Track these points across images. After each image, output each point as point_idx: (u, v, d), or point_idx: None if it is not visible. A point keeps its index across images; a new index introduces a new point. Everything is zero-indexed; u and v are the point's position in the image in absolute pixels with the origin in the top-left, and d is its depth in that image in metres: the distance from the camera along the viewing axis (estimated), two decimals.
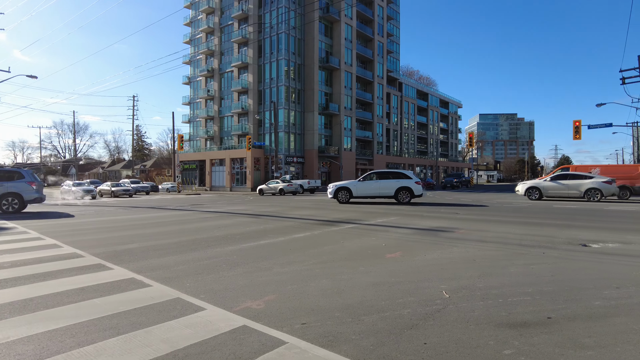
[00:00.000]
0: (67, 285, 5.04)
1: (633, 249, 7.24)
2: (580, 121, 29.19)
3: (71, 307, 4.23)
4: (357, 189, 20.20)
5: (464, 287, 4.85)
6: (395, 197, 19.86)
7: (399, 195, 19.80)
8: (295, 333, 3.46)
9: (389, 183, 19.96)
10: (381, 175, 20.65)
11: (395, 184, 19.84)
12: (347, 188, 20.35)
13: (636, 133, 46.16)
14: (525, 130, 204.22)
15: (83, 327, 3.64)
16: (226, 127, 58.74)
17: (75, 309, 4.16)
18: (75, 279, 5.42)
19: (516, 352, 3.04)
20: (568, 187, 21.48)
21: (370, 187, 20.11)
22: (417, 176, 20.91)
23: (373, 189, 20.07)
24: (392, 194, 19.87)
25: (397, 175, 20.36)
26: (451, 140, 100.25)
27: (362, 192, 20.18)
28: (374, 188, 20.07)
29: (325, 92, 55.86)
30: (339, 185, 20.60)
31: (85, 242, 8.74)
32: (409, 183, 19.87)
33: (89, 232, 10.58)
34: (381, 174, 20.73)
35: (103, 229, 11.15)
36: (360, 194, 20.20)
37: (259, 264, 6.24)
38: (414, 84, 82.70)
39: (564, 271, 5.60)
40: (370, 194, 20.18)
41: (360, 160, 61.21)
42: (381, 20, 66.41)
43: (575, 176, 21.81)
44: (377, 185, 20.04)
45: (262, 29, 53.02)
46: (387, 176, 20.51)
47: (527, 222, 11.55)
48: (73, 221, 13.66)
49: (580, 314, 3.88)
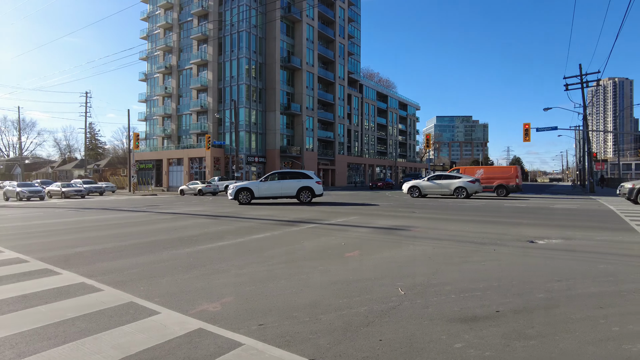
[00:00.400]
0: (8, 293, 4.74)
1: (574, 244, 7.73)
2: (529, 124, 30.79)
3: (12, 315, 3.98)
4: (259, 190, 19.97)
5: (419, 284, 5.00)
6: (297, 196, 20.06)
7: (300, 195, 20.03)
8: (252, 334, 3.43)
9: (290, 183, 20.09)
10: (283, 175, 20.76)
11: (297, 184, 20.04)
12: (248, 189, 20.01)
13: (578, 136, 49.29)
14: (479, 132, 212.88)
15: (25, 336, 3.44)
16: (184, 126, 57.22)
17: (16, 317, 3.92)
18: (17, 285, 5.10)
19: (466, 345, 3.18)
20: (441, 186, 24.18)
21: (273, 188, 20.05)
22: (317, 176, 21.40)
23: (275, 189, 20.04)
24: (294, 193, 20.03)
25: (299, 176, 20.59)
26: (409, 142, 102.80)
27: (264, 192, 20.00)
28: (276, 188, 20.04)
29: (287, 92, 55.71)
30: (240, 186, 20.20)
31: (30, 246, 8.25)
32: (310, 183, 20.16)
33: (34, 235, 9.99)
34: (283, 174, 20.87)
35: (51, 232, 10.56)
36: (263, 195, 20.01)
37: (216, 266, 6.13)
38: (374, 85, 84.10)
39: (513, 267, 5.90)
40: (273, 194, 20.11)
41: (322, 161, 61.53)
42: (342, 21, 67.05)
43: (447, 177, 24.49)
44: (279, 186, 20.04)
45: (223, 27, 52.11)
46: (289, 176, 20.66)
47: (481, 221, 12.06)
48: (17, 224, 12.85)
49: (526, 307, 4.10)
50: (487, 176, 27.22)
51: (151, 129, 62.03)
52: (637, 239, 8.34)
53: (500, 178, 26.87)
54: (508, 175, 26.84)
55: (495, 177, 27.06)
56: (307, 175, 20.59)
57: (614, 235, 8.93)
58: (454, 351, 3.07)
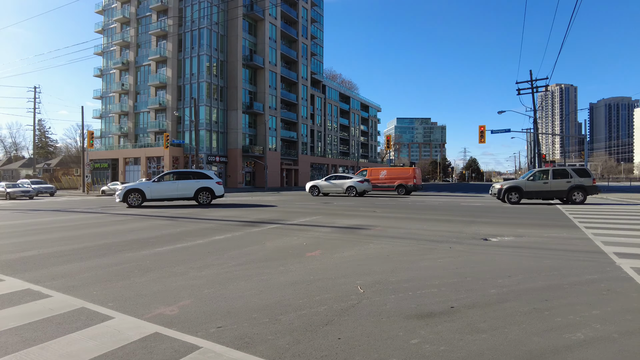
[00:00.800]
0: None
1: (524, 241, 8.14)
2: (484, 126, 32.09)
3: None
4: (152, 191, 18.68)
5: (378, 281, 5.10)
6: (195, 198, 19.23)
7: (199, 196, 19.22)
8: (210, 337, 3.38)
9: (188, 184, 19.14)
10: (180, 175, 19.69)
11: (195, 184, 19.17)
12: (139, 190, 18.58)
13: (529, 138, 51.92)
14: (438, 133, 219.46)
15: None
16: (142, 124, 55.30)
17: None
18: None
19: (422, 341, 3.28)
20: (336, 185, 27.03)
21: (168, 188, 18.87)
22: (217, 176, 20.81)
23: (171, 190, 18.89)
24: (192, 195, 19.14)
25: (198, 176, 19.69)
26: (371, 142, 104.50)
27: (157, 194, 18.76)
28: (171, 189, 18.90)
29: (250, 91, 55.09)
30: (129, 187, 18.81)
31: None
32: (210, 183, 19.41)
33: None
34: (180, 174, 19.80)
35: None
36: (156, 196, 18.77)
37: (174, 269, 5.98)
38: (336, 87, 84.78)
39: (467, 263, 6.14)
40: (168, 196, 18.96)
41: (286, 160, 61.33)
42: (305, 22, 67.14)
43: (341, 177, 27.56)
44: (174, 187, 18.94)
45: (183, 23, 50.80)
46: (187, 176, 19.60)
47: (438, 219, 12.45)
48: None
49: (478, 302, 4.28)
50: (389, 177, 30.22)
51: (107, 126, 59.49)
52: (580, 235, 8.90)
53: (400, 178, 29.84)
54: (407, 176, 29.75)
55: (396, 177, 30.06)
56: (206, 175, 19.69)
57: (560, 232, 9.48)
58: (410, 347, 3.16)
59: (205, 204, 19.27)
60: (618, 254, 6.69)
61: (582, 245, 7.58)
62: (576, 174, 18.56)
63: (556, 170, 18.99)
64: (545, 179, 18.75)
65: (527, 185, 18.87)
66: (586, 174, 18.64)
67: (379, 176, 30.65)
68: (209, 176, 19.64)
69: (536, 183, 18.80)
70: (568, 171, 18.78)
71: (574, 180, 18.41)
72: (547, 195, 18.76)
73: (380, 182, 30.56)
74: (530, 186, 18.83)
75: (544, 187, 18.67)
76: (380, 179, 30.64)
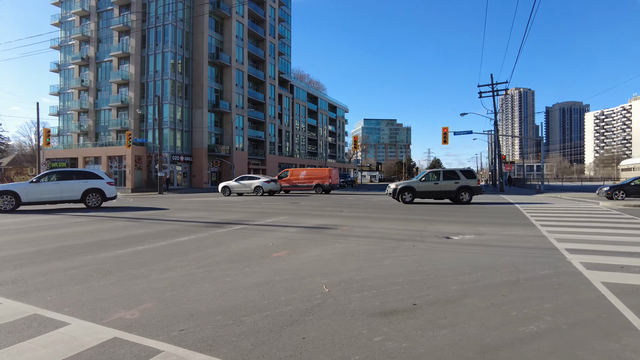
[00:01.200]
0: None
1: (484, 239, 8.44)
2: (447, 128, 32.99)
3: None
4: (29, 193, 16.40)
5: (343, 280, 5.14)
6: (83, 200, 17.35)
7: (87, 198, 17.40)
8: (172, 340, 3.30)
9: (74, 184, 17.18)
10: (64, 175, 17.53)
11: (83, 185, 17.30)
12: (12, 192, 16.18)
13: (490, 139, 53.83)
14: (403, 134, 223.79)
15: None
16: (103, 122, 53.23)
17: None
18: None
19: (385, 338, 3.34)
20: (245, 185, 28.88)
21: (49, 190, 16.74)
22: (108, 176, 19.15)
23: (53, 192, 16.80)
24: (79, 197, 17.22)
25: (85, 175, 17.78)
26: (339, 143, 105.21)
27: (36, 196, 16.53)
28: (54, 191, 16.80)
29: (216, 89, 54.15)
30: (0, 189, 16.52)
31: None
32: (100, 184, 17.63)
33: None
34: (64, 174, 17.64)
35: None
36: (35, 199, 16.57)
37: (135, 271, 5.79)
38: (304, 87, 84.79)
39: (429, 261, 6.30)
40: (50, 199, 16.81)
41: (253, 160, 60.72)
42: (273, 21, 66.73)
43: (250, 178, 29.45)
44: (58, 188, 16.85)
45: (147, 19, 49.28)
46: (71, 176, 17.50)
47: (403, 218, 12.70)
48: None
49: (440, 299, 4.40)
50: (309, 177, 31.86)
51: (65, 124, 56.83)
52: (536, 232, 9.32)
53: (318, 178, 31.58)
54: (323, 176, 31.60)
55: (314, 177, 31.71)
56: (95, 175, 17.85)
57: (518, 230, 9.89)
58: (374, 345, 3.21)
59: (95, 207, 17.53)
60: (569, 250, 7.05)
61: (537, 243, 7.94)
62: (464, 176, 19.47)
63: (446, 171, 19.88)
64: (436, 180, 19.52)
65: (419, 185, 19.61)
66: (472, 176, 19.62)
67: (299, 176, 32.19)
68: (98, 176, 17.86)
69: (428, 184, 19.54)
70: (457, 172, 19.63)
71: (461, 181, 19.27)
72: (438, 195, 19.54)
73: (300, 182, 32.08)
74: (423, 186, 19.56)
75: (434, 187, 19.43)
76: (301, 179, 32.15)
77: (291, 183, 31.81)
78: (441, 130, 32.86)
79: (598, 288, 4.71)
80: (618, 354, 3.02)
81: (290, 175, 32.17)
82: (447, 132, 32.80)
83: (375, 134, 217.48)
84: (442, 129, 32.75)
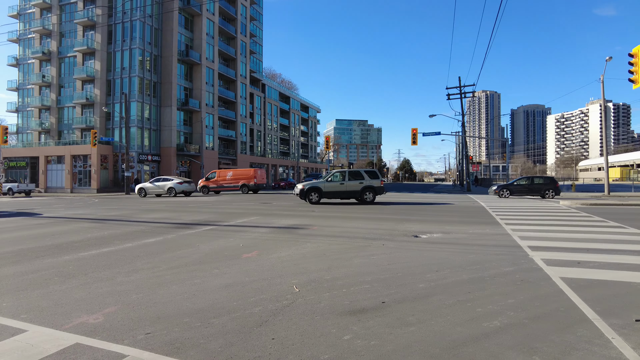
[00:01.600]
0: None
1: (451, 238, 8.65)
2: (417, 129, 33.63)
3: None
4: None
5: (313, 280, 5.15)
6: None
7: None
8: (137, 344, 3.21)
9: None
10: None
11: None
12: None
13: (458, 140, 55.22)
14: (374, 135, 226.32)
15: None
16: (67, 119, 51.08)
17: None
18: None
19: (354, 337, 3.36)
20: (159, 187, 30.05)
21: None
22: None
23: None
24: None
25: None
26: (311, 143, 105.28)
27: None
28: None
29: (185, 87, 53.05)
30: None
31: None
32: None
33: None
34: None
35: None
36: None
37: (99, 274, 5.60)
38: (276, 86, 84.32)
39: (398, 260, 6.40)
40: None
41: (224, 160, 59.86)
42: (244, 19, 66.02)
43: (164, 179, 30.62)
44: None
45: (114, 14, 47.67)
46: None
47: (374, 218, 12.83)
48: None
49: (408, 296, 4.48)
50: (235, 177, 32.86)
51: (25, 121, 54.16)
52: (500, 231, 9.63)
53: (243, 179, 32.59)
54: (248, 176, 32.63)
55: (240, 177, 32.69)
56: None
57: (483, 228, 10.19)
58: (342, 343, 3.23)
59: None
60: (531, 247, 7.33)
61: (502, 240, 8.21)
62: (368, 176, 19.69)
63: (351, 172, 20.12)
64: (342, 180, 19.59)
65: (326, 185, 19.58)
66: (376, 176, 19.85)
67: (226, 177, 33.04)
68: None
69: (334, 184, 19.52)
70: (361, 173, 19.86)
71: (365, 182, 19.44)
72: (344, 195, 19.59)
73: (227, 183, 32.88)
74: (329, 187, 19.55)
75: (340, 187, 19.46)
76: (227, 179, 32.99)
77: (218, 184, 32.73)
78: (411, 132, 33.46)
79: (557, 283, 4.92)
80: (573, 345, 3.16)
81: (217, 177, 33.19)
82: (416, 133, 33.41)
83: (347, 135, 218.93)
84: (412, 130, 33.35)
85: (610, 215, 13.06)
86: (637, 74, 17.81)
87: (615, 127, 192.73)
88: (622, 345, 3.14)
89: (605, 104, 28.25)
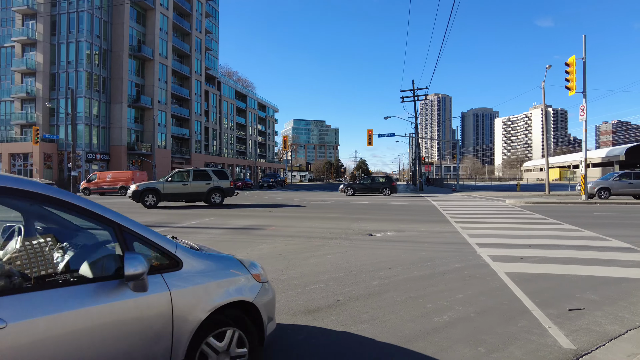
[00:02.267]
0: None
1: (404, 236, 8.90)
2: (372, 130, 34.29)
3: None
4: None
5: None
6: None
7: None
8: None
9: None
10: None
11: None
12: None
13: (411, 142, 56.90)
14: (332, 136, 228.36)
15: None
16: (3, 115, 47.55)
17: None
18: None
19: (307, 336, 3.38)
20: None
21: None
22: None
23: None
24: None
25: None
26: (269, 142, 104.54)
27: None
28: None
29: (137, 83, 50.99)
30: None
31: None
32: None
33: None
34: None
35: None
36: None
37: None
38: (233, 84, 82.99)
39: (353, 258, 6.50)
40: None
41: (177, 159, 58.09)
42: (200, 15, 64.43)
43: None
44: None
45: (57, 3, 44.94)
46: None
47: (331, 217, 12.95)
48: None
49: (362, 294, 4.56)
50: (114, 179, 33.15)
51: None
52: (450, 229, 10.03)
53: (122, 180, 32.81)
54: (127, 178, 32.69)
55: (119, 180, 32.91)
56: None
57: (435, 226, 10.57)
58: (297, 343, 3.24)
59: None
60: (479, 244, 7.69)
61: (451, 238, 8.55)
62: (216, 176, 18.42)
63: (197, 171, 18.39)
64: (186, 181, 17.86)
65: (165, 187, 17.53)
66: (225, 177, 18.74)
67: (105, 179, 33.30)
68: None
69: (176, 185, 17.68)
70: (209, 173, 18.46)
71: (213, 182, 18.10)
72: (189, 198, 17.99)
73: (107, 184, 33.05)
74: (169, 188, 17.55)
75: (184, 189, 17.70)
76: (107, 181, 33.19)
77: (99, 185, 32.85)
78: (367, 133, 34.06)
79: (502, 278, 5.19)
80: (515, 335, 3.36)
81: (98, 179, 33.45)
82: (372, 134, 34.05)
83: (305, 135, 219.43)
84: (367, 131, 33.97)
85: (550, 213, 13.95)
86: (572, 82, 19.17)
87: (554, 131, 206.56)
88: (557, 333, 3.38)
89: (546, 109, 30.14)
